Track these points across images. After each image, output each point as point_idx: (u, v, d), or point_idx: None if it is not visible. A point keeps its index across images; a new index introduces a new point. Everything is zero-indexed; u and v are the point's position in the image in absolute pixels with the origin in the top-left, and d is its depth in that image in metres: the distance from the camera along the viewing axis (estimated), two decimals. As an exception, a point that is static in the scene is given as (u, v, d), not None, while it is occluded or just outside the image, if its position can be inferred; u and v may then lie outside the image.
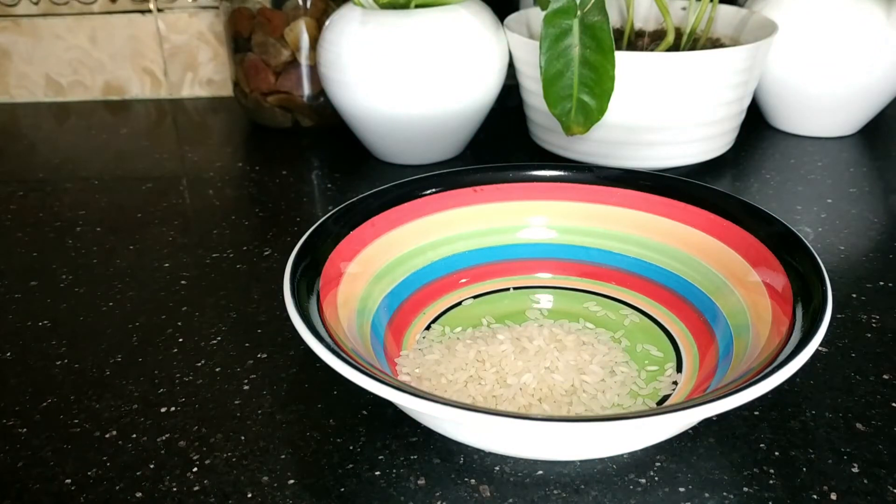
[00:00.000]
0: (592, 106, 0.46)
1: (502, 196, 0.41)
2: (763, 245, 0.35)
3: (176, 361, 0.36)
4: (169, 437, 0.32)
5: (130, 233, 0.49)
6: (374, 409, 0.33)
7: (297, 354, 0.36)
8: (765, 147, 0.60)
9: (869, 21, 0.55)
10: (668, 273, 0.38)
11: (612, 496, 0.29)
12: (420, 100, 0.52)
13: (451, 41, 0.51)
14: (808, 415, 0.32)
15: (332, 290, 0.33)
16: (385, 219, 0.38)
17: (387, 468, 0.30)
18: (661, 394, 0.33)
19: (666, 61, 0.49)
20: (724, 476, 0.29)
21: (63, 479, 0.30)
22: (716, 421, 0.32)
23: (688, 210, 0.38)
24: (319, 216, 0.37)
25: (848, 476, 0.29)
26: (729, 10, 0.60)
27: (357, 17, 0.52)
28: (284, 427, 0.32)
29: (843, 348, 0.36)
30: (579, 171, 0.41)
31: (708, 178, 0.54)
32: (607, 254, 0.40)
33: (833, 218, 0.49)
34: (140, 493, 0.29)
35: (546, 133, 0.56)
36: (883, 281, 0.42)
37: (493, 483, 0.29)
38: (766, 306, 0.32)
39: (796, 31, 0.56)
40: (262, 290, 0.42)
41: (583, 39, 0.45)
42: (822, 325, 0.28)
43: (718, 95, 0.51)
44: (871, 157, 0.58)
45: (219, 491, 0.29)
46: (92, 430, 0.32)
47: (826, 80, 0.57)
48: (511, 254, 0.41)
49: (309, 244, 0.34)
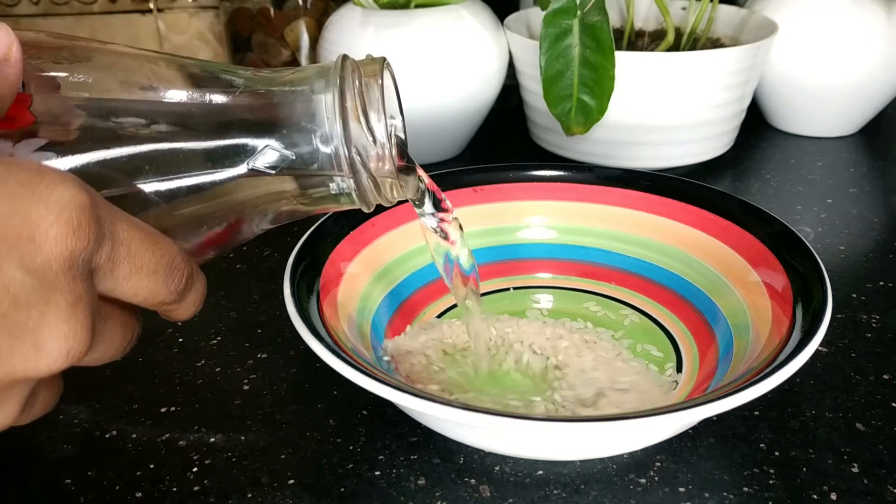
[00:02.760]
0: (592, 106, 0.46)
1: (502, 196, 0.41)
2: (763, 245, 0.35)
3: (176, 361, 0.36)
4: (169, 437, 0.32)
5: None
6: (374, 409, 0.33)
7: (297, 354, 0.36)
8: (765, 147, 0.60)
9: (869, 21, 0.55)
10: (668, 273, 0.38)
11: (612, 496, 0.29)
12: (420, 100, 0.52)
13: (451, 41, 0.51)
14: (808, 415, 0.32)
15: (332, 290, 0.33)
16: (385, 219, 0.38)
17: (387, 468, 0.30)
18: (661, 394, 0.33)
19: (666, 61, 0.49)
20: (724, 476, 0.29)
21: (63, 479, 0.30)
22: (716, 421, 0.32)
23: (688, 210, 0.38)
24: (320, 216, 0.37)
25: (848, 476, 0.29)
26: (729, 10, 0.60)
27: (357, 17, 0.52)
28: (284, 427, 0.32)
29: (843, 348, 0.36)
30: (579, 171, 0.41)
31: (708, 178, 0.54)
32: (607, 254, 0.40)
33: (833, 218, 0.49)
34: (140, 493, 0.29)
35: (546, 133, 0.56)
36: (883, 281, 0.42)
37: (493, 483, 0.29)
38: (766, 306, 0.32)
39: (796, 32, 0.56)
40: (262, 290, 0.42)
41: (583, 39, 0.45)
42: (822, 325, 0.28)
43: (718, 95, 0.51)
44: (871, 157, 0.58)
45: (219, 491, 0.29)
46: (92, 430, 0.32)
47: (826, 80, 0.57)
48: (511, 254, 0.41)
49: (309, 244, 0.34)
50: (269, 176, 0.24)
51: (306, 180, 0.25)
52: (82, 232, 0.19)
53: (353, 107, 0.24)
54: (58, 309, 0.19)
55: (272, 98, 0.24)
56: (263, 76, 0.25)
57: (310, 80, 0.25)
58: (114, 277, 0.20)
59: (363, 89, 0.25)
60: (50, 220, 0.18)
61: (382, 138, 0.24)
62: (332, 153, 0.24)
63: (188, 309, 0.24)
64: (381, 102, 0.25)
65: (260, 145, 0.24)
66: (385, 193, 0.26)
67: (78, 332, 0.19)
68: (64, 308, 0.19)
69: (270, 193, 0.25)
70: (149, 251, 0.21)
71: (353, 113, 0.24)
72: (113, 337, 0.22)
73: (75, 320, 0.19)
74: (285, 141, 0.24)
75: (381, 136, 0.24)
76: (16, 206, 0.18)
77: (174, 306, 0.23)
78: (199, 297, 0.24)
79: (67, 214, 0.18)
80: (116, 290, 0.21)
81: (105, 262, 0.20)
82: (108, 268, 0.20)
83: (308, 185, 0.25)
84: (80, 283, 0.19)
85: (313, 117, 0.24)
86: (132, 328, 0.23)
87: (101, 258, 0.20)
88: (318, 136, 0.24)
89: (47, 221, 0.18)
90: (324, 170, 0.24)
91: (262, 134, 0.24)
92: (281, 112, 0.24)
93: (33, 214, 0.18)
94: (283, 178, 0.24)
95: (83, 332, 0.19)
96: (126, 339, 0.23)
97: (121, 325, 0.22)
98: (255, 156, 0.24)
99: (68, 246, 0.18)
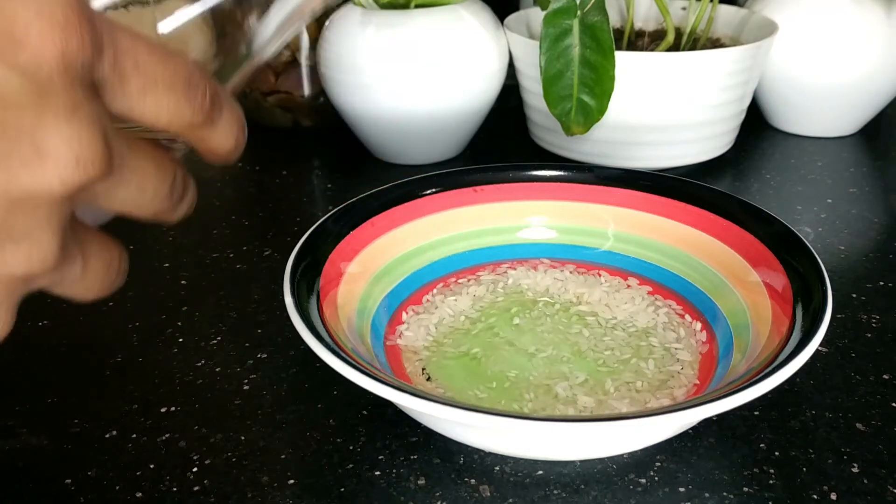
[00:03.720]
0: (592, 106, 0.46)
1: (502, 196, 0.41)
2: (763, 245, 0.35)
3: (176, 361, 0.36)
4: (169, 437, 0.32)
5: (130, 233, 0.49)
6: (374, 409, 0.33)
7: (297, 354, 0.36)
8: (765, 147, 0.60)
9: (869, 21, 0.55)
10: (668, 273, 0.38)
11: (612, 496, 0.29)
12: (420, 100, 0.52)
13: (451, 41, 0.51)
14: (808, 415, 0.32)
15: (332, 290, 0.33)
16: (385, 219, 0.38)
17: (387, 468, 0.30)
18: (661, 394, 0.33)
19: (666, 61, 0.49)
20: (724, 476, 0.29)
21: (63, 479, 0.30)
22: (716, 421, 0.32)
23: (688, 210, 0.38)
24: (319, 216, 0.37)
25: (848, 476, 0.29)
26: (729, 10, 0.60)
27: (357, 17, 0.52)
28: (284, 427, 0.32)
29: (843, 348, 0.36)
30: (579, 171, 0.41)
31: (708, 178, 0.54)
32: (607, 254, 0.40)
33: (833, 218, 0.49)
34: (140, 493, 0.29)
35: (546, 133, 0.56)
36: (883, 281, 0.42)
37: (493, 483, 0.29)
38: (766, 306, 0.32)
39: (796, 31, 0.56)
40: (262, 290, 0.42)
41: (583, 39, 0.45)
42: (822, 325, 0.28)
43: (718, 95, 0.51)
44: (871, 157, 0.58)
45: (219, 491, 0.29)
46: (92, 430, 0.32)
47: (826, 80, 0.57)
48: (511, 254, 0.41)
49: (309, 244, 0.34)
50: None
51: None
52: (72, 29, 0.17)
53: None
54: (55, 112, 0.17)
55: None
56: None
57: None
58: (126, 94, 0.19)
59: None
60: (28, 17, 0.16)
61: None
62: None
63: (226, 135, 0.21)
64: None
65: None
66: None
67: (83, 137, 0.17)
68: (62, 111, 0.17)
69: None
70: (160, 63, 0.19)
71: None
72: (100, 255, 0.21)
73: (78, 124, 0.17)
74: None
75: None
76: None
77: (208, 131, 0.21)
78: (234, 119, 0.22)
79: (49, 10, 0.17)
80: (135, 109, 0.19)
81: (111, 74, 0.18)
82: (116, 80, 0.18)
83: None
84: (79, 89, 0.17)
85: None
86: (117, 250, 0.21)
87: (105, 68, 0.18)
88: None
89: (25, 17, 0.16)
90: None
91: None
92: None
93: (7, 9, 0.16)
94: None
95: (91, 138, 0.18)
96: (114, 262, 0.21)
97: (104, 246, 0.21)
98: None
99: (56, 43, 0.17)
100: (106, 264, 0.21)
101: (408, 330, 0.36)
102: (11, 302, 0.19)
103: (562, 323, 0.36)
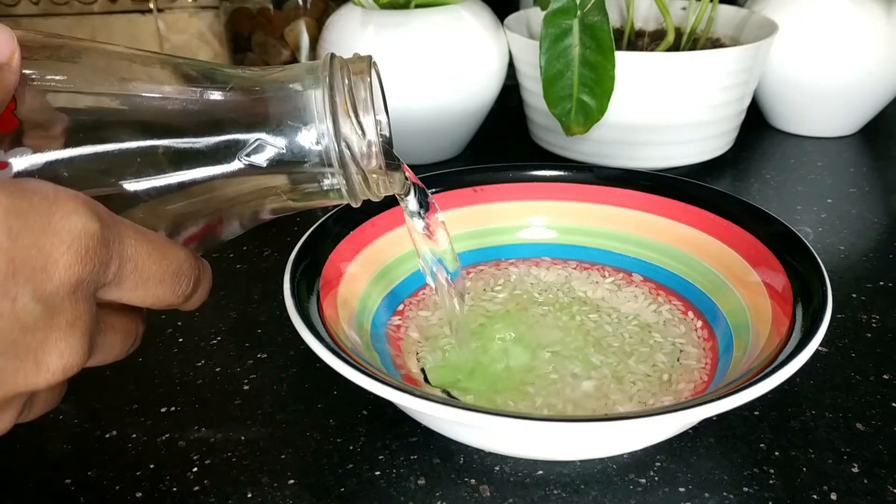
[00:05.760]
0: (592, 106, 0.46)
1: (502, 196, 0.41)
2: (763, 245, 0.35)
3: (176, 361, 0.36)
4: (169, 437, 0.32)
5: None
6: (374, 409, 0.33)
7: (297, 354, 0.36)
8: (765, 147, 0.60)
9: (869, 21, 0.55)
10: (668, 273, 0.38)
11: (612, 496, 0.29)
12: (420, 100, 0.52)
13: (451, 41, 0.51)
14: (808, 415, 0.32)
15: (332, 290, 0.33)
16: (385, 219, 0.38)
17: (387, 468, 0.30)
18: (661, 394, 0.33)
19: (666, 61, 0.49)
20: (724, 476, 0.29)
21: (63, 479, 0.30)
22: (716, 421, 0.32)
23: (688, 210, 0.38)
24: (319, 216, 0.37)
25: (848, 476, 0.29)
26: (729, 10, 0.60)
27: (357, 17, 0.52)
28: (284, 427, 0.32)
29: (843, 348, 0.36)
30: (579, 171, 0.41)
31: (708, 178, 0.54)
32: (607, 254, 0.40)
33: (833, 218, 0.49)
34: (140, 493, 0.29)
35: (546, 133, 0.56)
36: (883, 281, 0.42)
37: (493, 483, 0.29)
38: (766, 306, 0.32)
39: (796, 31, 0.56)
40: (262, 290, 0.42)
41: (583, 39, 0.45)
42: (822, 325, 0.28)
43: (718, 95, 0.51)
44: (871, 157, 0.58)
45: (219, 491, 0.29)
46: (92, 430, 0.32)
47: (826, 80, 0.57)
48: (511, 254, 0.41)
49: (309, 244, 0.34)
50: (261, 171, 0.24)
51: (297, 175, 0.25)
52: (90, 258, 0.19)
53: (343, 102, 0.24)
54: (58, 329, 0.19)
55: (263, 94, 0.24)
56: (254, 73, 0.25)
57: (300, 77, 0.25)
58: (120, 289, 0.21)
59: (352, 87, 0.25)
60: (62, 251, 0.19)
61: (371, 134, 0.25)
62: (322, 149, 0.24)
63: (195, 304, 0.25)
64: (369, 99, 0.25)
65: (251, 139, 0.24)
66: (373, 188, 0.26)
67: (75, 349, 0.20)
68: (64, 327, 0.19)
69: (261, 189, 0.25)
70: (155, 263, 0.22)
71: (342, 108, 0.24)
72: (113, 344, 0.23)
73: (73, 338, 0.20)
74: (276, 136, 0.24)
75: (370, 132, 0.25)
76: (33, 238, 0.18)
77: (181, 306, 0.24)
78: (205, 291, 0.25)
79: (77, 244, 0.19)
80: (123, 298, 0.22)
81: (111, 280, 0.21)
82: (115, 283, 0.21)
83: (298, 181, 0.25)
84: (81, 303, 0.20)
85: (303, 113, 0.24)
86: (133, 334, 0.24)
87: (108, 277, 0.20)
88: (309, 132, 0.24)
89: (59, 251, 0.19)
90: (314, 165, 0.24)
91: (253, 129, 0.24)
92: (271, 108, 0.24)
93: (47, 246, 0.19)
94: (274, 173, 0.24)
95: (80, 349, 0.20)
96: (127, 344, 0.23)
97: (122, 333, 0.23)
98: (246, 149, 0.24)
99: (76, 273, 0.19)
100: (125, 337, 0.23)
101: (408, 330, 0.36)
102: (13, 414, 0.21)
103: (563, 319, 0.36)
